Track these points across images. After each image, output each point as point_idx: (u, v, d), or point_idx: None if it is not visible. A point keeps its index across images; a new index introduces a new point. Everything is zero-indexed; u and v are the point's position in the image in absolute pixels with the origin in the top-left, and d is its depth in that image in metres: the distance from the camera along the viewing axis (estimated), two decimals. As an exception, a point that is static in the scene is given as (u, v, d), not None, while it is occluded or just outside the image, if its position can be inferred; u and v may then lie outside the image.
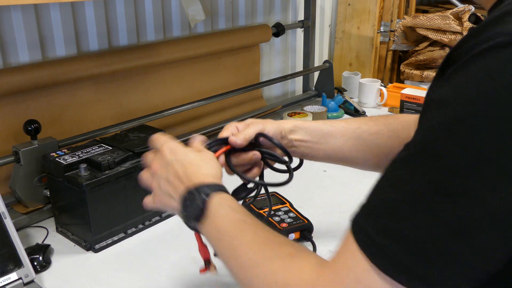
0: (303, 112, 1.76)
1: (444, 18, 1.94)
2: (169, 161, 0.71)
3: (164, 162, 0.72)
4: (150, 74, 1.48)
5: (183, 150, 0.73)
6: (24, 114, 1.19)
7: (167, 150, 0.72)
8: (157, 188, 0.73)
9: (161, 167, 0.72)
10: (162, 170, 0.72)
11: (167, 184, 0.71)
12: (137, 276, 0.96)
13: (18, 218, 1.10)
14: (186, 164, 0.70)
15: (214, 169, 0.71)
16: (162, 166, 0.72)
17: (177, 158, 0.71)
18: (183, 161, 0.70)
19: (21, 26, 1.19)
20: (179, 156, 0.71)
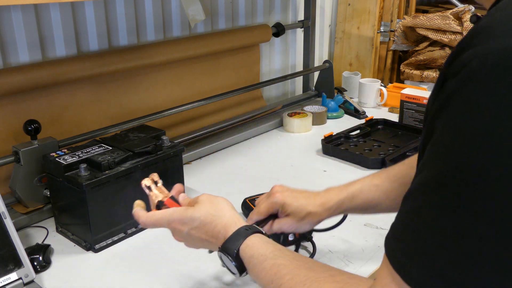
0: (303, 112, 1.76)
1: (444, 18, 1.94)
2: (186, 233, 0.75)
3: (184, 236, 0.76)
4: (150, 74, 1.48)
5: (189, 215, 0.74)
6: (24, 114, 1.19)
7: (178, 225, 0.75)
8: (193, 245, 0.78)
9: (186, 240, 0.77)
10: (188, 241, 0.77)
11: (200, 245, 0.76)
12: (137, 276, 0.96)
13: (18, 218, 1.10)
14: (201, 227, 0.73)
15: (225, 214, 0.74)
16: (185, 238, 0.76)
17: (192, 227, 0.74)
18: (197, 226, 0.73)
19: (21, 26, 1.19)
20: (190, 223, 0.74)
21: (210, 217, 0.73)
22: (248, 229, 0.71)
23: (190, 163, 1.47)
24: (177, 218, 0.74)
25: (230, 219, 0.73)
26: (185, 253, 1.02)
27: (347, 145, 1.54)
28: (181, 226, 0.74)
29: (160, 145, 1.13)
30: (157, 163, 1.11)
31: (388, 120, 1.72)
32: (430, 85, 2.04)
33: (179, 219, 0.74)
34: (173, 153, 1.14)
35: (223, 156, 1.53)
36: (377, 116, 1.78)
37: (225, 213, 0.73)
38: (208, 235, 0.73)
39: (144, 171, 1.09)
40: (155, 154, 1.11)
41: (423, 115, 1.65)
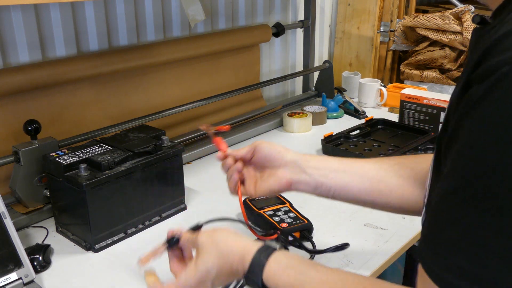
0: (303, 112, 1.76)
1: (444, 18, 1.94)
2: (211, 285, 0.71)
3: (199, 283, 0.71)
4: (150, 74, 1.48)
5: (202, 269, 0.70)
6: (24, 114, 1.19)
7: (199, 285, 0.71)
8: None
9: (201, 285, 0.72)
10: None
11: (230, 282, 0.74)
12: (137, 276, 0.96)
13: (18, 218, 1.10)
14: (219, 273, 0.70)
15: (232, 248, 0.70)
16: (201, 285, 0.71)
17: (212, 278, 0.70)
18: (216, 274, 0.70)
19: (21, 26, 1.19)
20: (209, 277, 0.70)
21: (223, 260, 0.69)
22: (262, 253, 0.67)
23: (190, 163, 1.47)
24: (194, 280, 0.70)
25: (241, 250, 0.69)
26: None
27: (347, 145, 1.54)
28: (203, 285, 0.70)
29: (160, 145, 1.13)
30: (157, 163, 1.11)
31: (388, 120, 1.72)
32: (430, 85, 2.04)
33: (197, 279, 0.70)
34: (173, 153, 1.14)
35: (223, 156, 1.52)
36: (377, 116, 1.78)
37: (232, 247, 0.70)
38: (230, 275, 0.70)
39: (144, 171, 1.09)
40: (155, 154, 1.11)
41: (423, 115, 1.66)
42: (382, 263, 0.98)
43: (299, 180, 0.82)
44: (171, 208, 1.18)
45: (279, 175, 0.83)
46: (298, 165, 0.82)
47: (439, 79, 2.02)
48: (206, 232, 0.73)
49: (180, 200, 1.20)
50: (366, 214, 1.15)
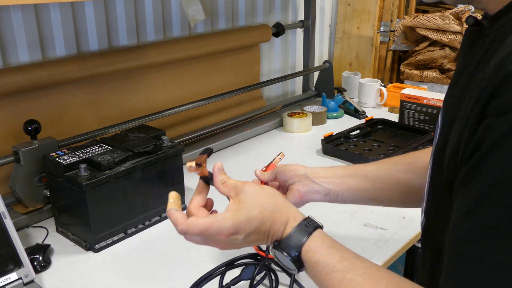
0: (303, 112, 1.76)
1: (444, 18, 1.94)
2: (242, 239, 0.65)
3: (235, 243, 0.66)
4: (150, 74, 1.48)
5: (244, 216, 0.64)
6: (24, 114, 1.19)
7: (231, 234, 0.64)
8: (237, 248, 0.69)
9: (236, 246, 0.67)
10: (238, 246, 0.67)
11: (247, 245, 0.68)
12: (136, 276, 0.96)
13: (18, 218, 1.10)
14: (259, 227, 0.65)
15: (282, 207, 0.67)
16: (236, 245, 0.67)
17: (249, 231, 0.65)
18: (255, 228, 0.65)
19: (21, 26, 1.19)
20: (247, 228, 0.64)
21: (268, 214, 0.65)
22: (308, 225, 0.65)
23: (190, 163, 1.47)
24: (231, 225, 0.63)
25: (288, 213, 0.67)
26: (185, 253, 1.02)
27: (347, 145, 1.54)
28: (235, 235, 0.64)
29: (160, 145, 1.13)
30: (157, 163, 1.11)
31: (388, 120, 1.72)
32: (430, 85, 2.04)
33: (235, 225, 0.63)
34: (173, 153, 1.14)
35: (223, 156, 1.53)
36: (377, 116, 1.78)
37: (282, 206, 0.67)
38: (265, 234, 0.66)
39: (144, 171, 1.09)
40: (155, 154, 1.11)
41: (423, 115, 1.66)
42: (382, 263, 0.98)
43: (310, 191, 0.87)
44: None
45: (294, 189, 0.88)
46: (308, 177, 0.88)
47: (439, 79, 2.02)
48: (254, 184, 0.70)
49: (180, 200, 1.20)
50: (366, 214, 1.15)
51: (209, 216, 0.65)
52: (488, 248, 0.45)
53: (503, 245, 0.44)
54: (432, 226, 0.62)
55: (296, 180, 0.88)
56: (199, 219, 0.64)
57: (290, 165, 0.90)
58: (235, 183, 0.69)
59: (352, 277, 0.59)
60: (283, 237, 0.66)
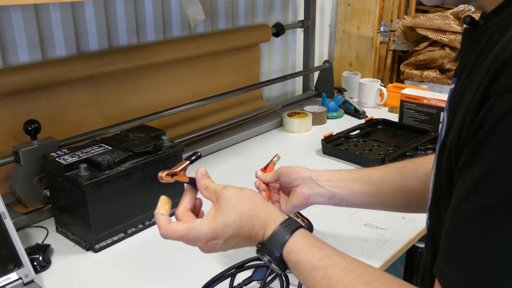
0: (303, 112, 1.76)
1: (444, 18, 1.94)
2: (222, 243, 0.66)
3: (216, 247, 0.67)
4: (150, 74, 1.48)
5: (221, 222, 0.65)
6: (24, 114, 1.19)
7: (210, 240, 0.65)
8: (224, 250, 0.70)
9: (218, 250, 0.68)
10: (220, 249, 0.69)
11: (233, 248, 0.69)
12: (137, 276, 0.96)
13: (18, 218, 1.10)
14: (237, 232, 0.66)
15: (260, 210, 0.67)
16: (218, 248, 0.68)
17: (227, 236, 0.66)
18: (233, 233, 0.66)
19: (21, 26, 1.19)
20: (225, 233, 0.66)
21: (246, 219, 0.66)
22: (288, 226, 0.66)
23: (190, 163, 1.47)
24: (208, 232, 0.65)
25: (267, 216, 0.67)
26: (184, 253, 1.02)
27: (347, 145, 1.54)
28: (214, 240, 0.65)
29: (160, 145, 1.13)
30: (157, 163, 1.11)
31: (388, 120, 1.72)
32: (430, 85, 2.04)
33: (211, 232, 0.65)
34: (173, 153, 1.14)
35: (223, 156, 1.53)
36: (377, 116, 1.78)
37: (260, 210, 0.67)
38: (245, 238, 0.67)
39: (144, 171, 1.09)
40: (155, 154, 1.11)
41: (423, 115, 1.66)
42: (382, 263, 0.98)
43: (314, 193, 0.88)
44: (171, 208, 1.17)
45: (298, 192, 0.88)
46: (313, 180, 0.88)
47: (439, 79, 2.02)
48: (233, 188, 0.69)
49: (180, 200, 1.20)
50: (366, 214, 1.15)
51: (188, 222, 0.66)
52: (490, 228, 0.45)
53: (505, 225, 0.44)
54: (433, 225, 0.62)
55: (300, 182, 0.89)
56: (179, 224, 0.67)
57: (294, 167, 0.91)
58: (215, 188, 0.70)
59: (333, 273, 0.60)
60: (264, 240, 0.66)
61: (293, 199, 0.89)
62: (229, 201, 0.67)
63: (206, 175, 0.73)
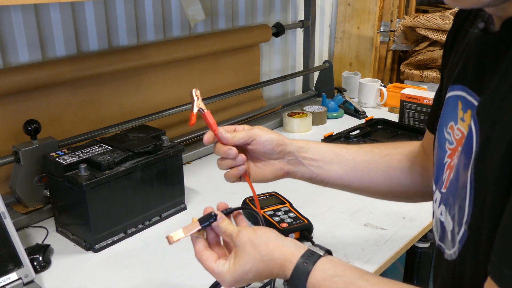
0: (303, 112, 1.76)
1: (444, 18, 1.94)
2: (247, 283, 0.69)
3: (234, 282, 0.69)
4: (150, 74, 1.48)
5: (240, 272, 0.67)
6: (24, 114, 1.19)
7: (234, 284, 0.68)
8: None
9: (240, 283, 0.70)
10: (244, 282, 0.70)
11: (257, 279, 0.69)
12: (137, 276, 0.96)
13: (18, 218, 1.10)
14: (257, 276, 0.67)
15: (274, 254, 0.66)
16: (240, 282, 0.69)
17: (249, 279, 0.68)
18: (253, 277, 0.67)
19: (21, 26, 1.19)
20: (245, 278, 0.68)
21: (262, 264, 0.66)
22: (306, 262, 0.64)
23: (190, 163, 1.47)
24: (230, 281, 0.68)
25: (282, 257, 0.66)
26: (184, 253, 1.02)
27: (347, 145, 1.54)
28: (237, 284, 0.68)
29: (160, 145, 1.13)
30: (157, 163, 1.11)
31: (388, 120, 1.72)
32: (430, 85, 2.04)
33: (233, 280, 0.68)
34: (173, 153, 1.14)
35: (223, 156, 1.52)
36: (377, 116, 1.78)
37: (274, 252, 0.66)
38: (268, 277, 0.68)
39: (144, 171, 1.09)
40: (155, 154, 1.11)
41: (423, 115, 1.66)
42: (382, 263, 0.98)
43: (295, 171, 0.85)
44: (171, 208, 1.18)
45: (277, 166, 0.84)
46: (295, 156, 0.84)
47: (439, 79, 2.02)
48: (247, 231, 0.69)
49: (180, 200, 1.20)
50: (366, 214, 1.15)
51: (214, 265, 0.69)
52: None
53: None
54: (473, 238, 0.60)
55: (280, 156, 0.84)
56: (208, 261, 0.70)
57: (271, 136, 0.82)
58: (231, 233, 0.70)
59: None
60: (288, 279, 0.66)
61: (267, 171, 0.84)
62: (244, 249, 0.68)
63: (222, 218, 0.73)
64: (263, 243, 0.67)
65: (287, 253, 0.66)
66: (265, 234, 0.68)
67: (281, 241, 0.68)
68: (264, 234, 0.68)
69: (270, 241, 0.67)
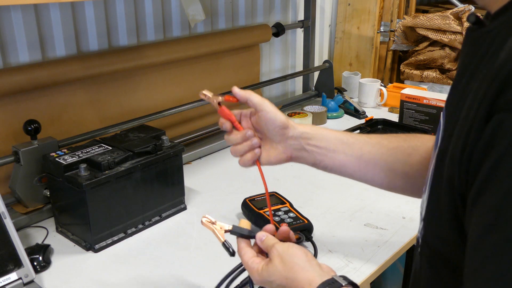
0: (303, 112, 1.76)
1: (444, 18, 1.94)
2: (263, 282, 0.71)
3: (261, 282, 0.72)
4: (150, 74, 1.48)
5: (266, 276, 0.71)
6: (24, 114, 1.19)
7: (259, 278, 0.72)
8: None
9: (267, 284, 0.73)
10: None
11: None
12: (137, 276, 0.96)
13: (18, 218, 1.10)
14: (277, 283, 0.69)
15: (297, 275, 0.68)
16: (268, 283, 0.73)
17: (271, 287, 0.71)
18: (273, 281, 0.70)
19: (21, 26, 1.19)
20: (268, 284, 0.71)
21: (285, 281, 0.69)
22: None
23: (190, 163, 1.47)
24: (258, 280, 0.72)
25: (305, 281, 0.67)
26: (184, 254, 1.03)
27: (347, 145, 1.54)
28: (264, 285, 0.73)
29: (160, 145, 1.13)
30: (157, 163, 1.11)
31: (388, 120, 1.72)
32: (430, 85, 2.04)
33: (261, 281, 0.72)
34: (173, 153, 1.14)
35: (223, 156, 1.53)
36: (377, 116, 1.78)
37: (299, 274, 0.68)
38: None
39: (144, 171, 1.09)
40: (155, 154, 1.11)
41: (423, 115, 1.66)
42: (382, 263, 0.98)
43: (299, 156, 0.85)
44: (171, 208, 1.18)
45: (280, 150, 0.85)
46: (299, 142, 0.84)
47: (439, 79, 2.02)
48: (281, 247, 0.72)
49: (180, 200, 1.20)
50: (366, 214, 1.15)
51: (249, 261, 0.74)
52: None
53: None
54: (428, 236, 0.61)
55: (282, 140, 0.84)
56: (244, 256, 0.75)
57: (278, 116, 0.83)
58: (267, 243, 0.74)
59: None
60: None
61: (271, 155, 0.85)
62: (274, 261, 0.71)
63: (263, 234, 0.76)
64: (291, 262, 0.69)
65: (310, 278, 0.67)
66: (296, 253, 0.70)
67: (309, 264, 0.69)
68: (295, 253, 0.70)
69: (299, 262, 0.69)
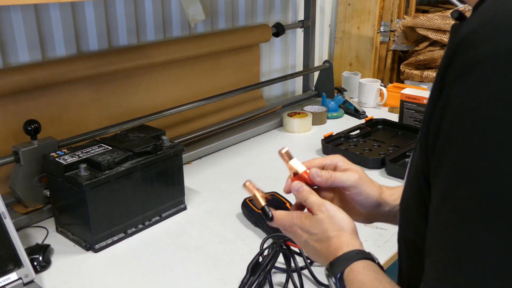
0: (303, 112, 1.76)
1: (444, 18, 1.94)
2: (304, 241, 0.71)
3: (302, 242, 0.72)
4: (150, 74, 1.48)
5: (308, 227, 0.70)
6: (24, 114, 1.19)
7: (298, 230, 0.71)
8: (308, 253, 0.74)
9: (303, 247, 0.73)
10: (305, 248, 0.73)
11: (314, 256, 0.72)
12: (136, 276, 0.96)
13: (18, 218, 1.10)
14: (317, 242, 0.69)
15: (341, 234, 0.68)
16: (303, 245, 0.72)
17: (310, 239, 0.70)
18: (315, 240, 0.70)
19: (21, 26, 1.19)
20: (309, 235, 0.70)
21: (326, 236, 0.68)
22: (359, 253, 0.66)
23: (190, 163, 1.47)
24: (298, 224, 0.71)
25: (345, 241, 0.67)
26: (184, 254, 1.03)
27: (347, 145, 1.54)
28: (301, 232, 0.71)
29: (160, 145, 1.13)
30: (157, 163, 1.11)
31: (388, 120, 1.72)
32: (430, 85, 2.04)
33: (300, 225, 0.71)
34: (173, 153, 1.14)
35: (223, 156, 1.53)
36: (377, 116, 1.78)
37: (342, 234, 0.68)
38: (322, 251, 0.69)
39: (144, 171, 1.09)
40: (155, 154, 1.11)
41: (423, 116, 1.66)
42: (382, 263, 0.98)
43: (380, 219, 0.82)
44: (171, 208, 1.18)
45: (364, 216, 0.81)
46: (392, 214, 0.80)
47: (439, 79, 2.02)
48: (331, 206, 0.70)
49: (180, 200, 1.20)
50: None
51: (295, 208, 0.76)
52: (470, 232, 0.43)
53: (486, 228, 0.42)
54: (403, 226, 0.61)
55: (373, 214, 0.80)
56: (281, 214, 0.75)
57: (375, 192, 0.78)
58: (312, 202, 0.72)
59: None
60: (333, 259, 0.66)
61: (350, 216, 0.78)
62: (321, 217, 0.70)
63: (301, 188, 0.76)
64: (339, 222, 0.69)
65: (351, 240, 0.68)
66: (345, 219, 0.70)
67: (353, 232, 0.69)
68: (344, 219, 0.70)
69: (347, 226, 0.69)
